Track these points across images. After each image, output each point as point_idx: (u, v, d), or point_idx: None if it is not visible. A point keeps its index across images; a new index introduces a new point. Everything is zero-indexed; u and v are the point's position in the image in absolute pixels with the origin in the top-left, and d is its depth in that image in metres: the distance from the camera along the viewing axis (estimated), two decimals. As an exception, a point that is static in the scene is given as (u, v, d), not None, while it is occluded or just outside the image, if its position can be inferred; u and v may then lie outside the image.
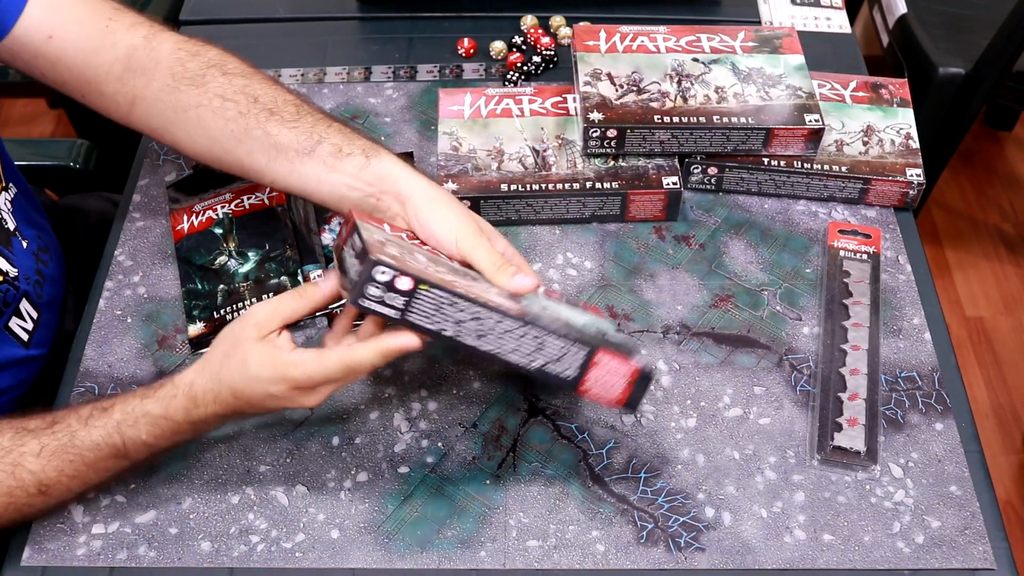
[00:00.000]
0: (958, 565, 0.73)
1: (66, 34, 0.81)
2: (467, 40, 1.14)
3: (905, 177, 0.94)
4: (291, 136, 0.80)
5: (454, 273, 0.72)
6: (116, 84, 0.82)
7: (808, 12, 1.19)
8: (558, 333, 0.70)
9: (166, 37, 0.84)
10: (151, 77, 0.82)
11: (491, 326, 0.70)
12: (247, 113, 0.80)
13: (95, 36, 0.81)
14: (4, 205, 0.88)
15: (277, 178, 0.82)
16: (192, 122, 0.82)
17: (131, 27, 0.83)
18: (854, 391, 0.81)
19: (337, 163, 0.79)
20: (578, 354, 0.71)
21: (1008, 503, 1.63)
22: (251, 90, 0.81)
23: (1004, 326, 1.89)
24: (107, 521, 0.76)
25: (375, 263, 0.66)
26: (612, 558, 0.74)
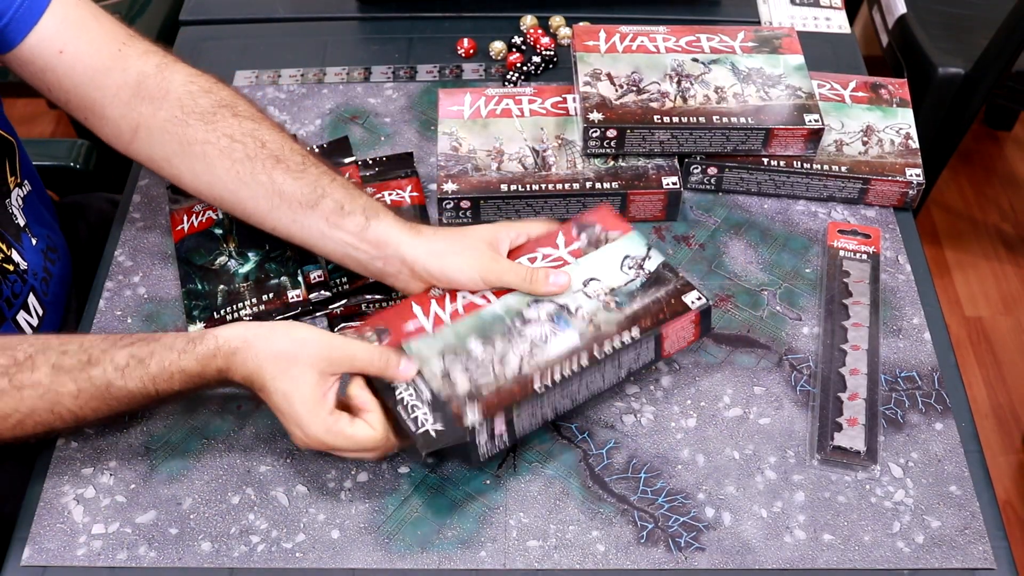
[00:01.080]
0: (958, 565, 0.73)
1: (77, 51, 0.81)
2: (467, 40, 1.14)
3: (905, 177, 0.94)
4: (295, 187, 0.80)
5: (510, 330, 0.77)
6: (122, 108, 0.82)
7: (808, 12, 1.19)
8: (625, 347, 0.75)
9: (178, 69, 0.83)
10: (159, 107, 0.82)
11: (577, 386, 0.75)
12: (254, 157, 0.80)
13: (106, 57, 0.81)
14: (16, 201, 0.89)
15: (279, 226, 0.82)
16: (197, 158, 0.82)
17: (144, 54, 0.83)
18: (854, 391, 0.81)
19: (339, 220, 0.79)
20: (648, 345, 0.77)
21: (1008, 503, 1.63)
22: (259, 134, 0.81)
23: (1003, 326, 1.89)
24: (107, 521, 0.76)
25: (471, 441, 0.72)
26: (612, 558, 0.74)
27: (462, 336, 0.77)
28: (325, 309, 0.88)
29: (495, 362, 0.75)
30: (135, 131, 0.83)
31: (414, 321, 0.78)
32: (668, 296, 0.78)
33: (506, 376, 0.74)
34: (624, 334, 0.75)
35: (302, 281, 0.88)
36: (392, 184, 0.98)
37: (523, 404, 0.73)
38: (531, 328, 0.77)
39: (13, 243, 0.86)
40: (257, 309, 0.87)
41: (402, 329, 0.78)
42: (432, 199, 0.97)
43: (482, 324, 0.77)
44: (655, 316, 0.77)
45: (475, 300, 0.79)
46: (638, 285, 0.79)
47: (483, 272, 0.78)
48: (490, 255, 0.79)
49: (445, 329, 0.77)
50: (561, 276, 0.79)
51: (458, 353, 0.75)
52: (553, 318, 0.77)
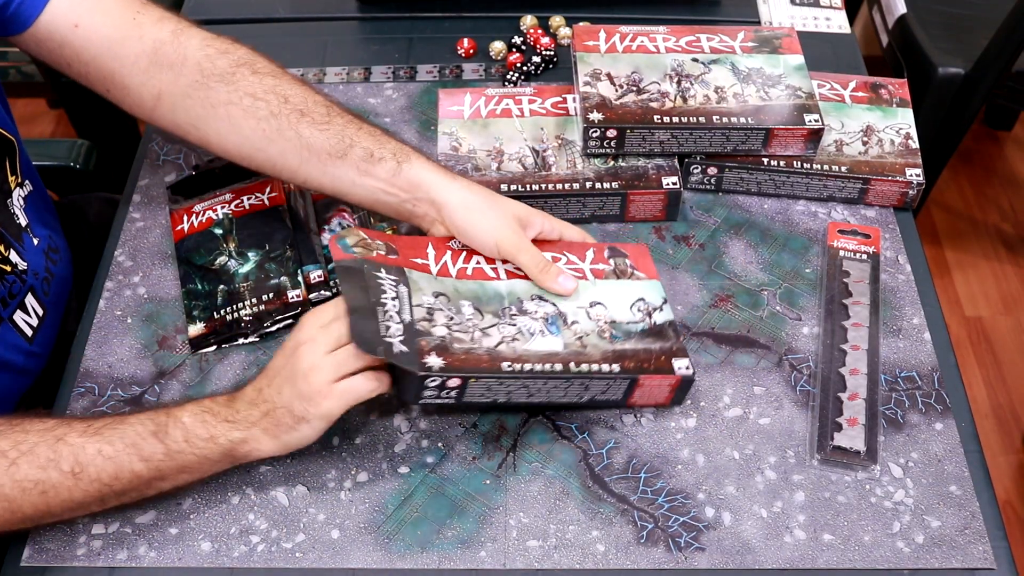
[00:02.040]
0: (958, 565, 0.73)
1: (92, 23, 0.80)
2: (467, 40, 1.14)
3: (905, 177, 0.94)
4: (322, 138, 0.80)
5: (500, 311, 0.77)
6: (141, 77, 0.82)
7: (808, 12, 1.19)
8: (600, 376, 0.74)
9: (193, 33, 0.83)
10: (179, 72, 0.82)
11: (539, 387, 0.74)
12: (278, 113, 0.81)
13: (122, 27, 0.81)
14: (17, 201, 0.88)
15: (310, 179, 0.83)
16: (222, 119, 0.82)
17: (158, 21, 0.83)
18: (854, 391, 0.81)
19: (369, 168, 0.80)
20: (621, 384, 0.76)
21: (1008, 503, 1.63)
22: (281, 90, 0.82)
23: (1003, 326, 1.89)
24: (107, 521, 0.76)
25: (423, 378, 0.70)
26: (612, 558, 0.74)
27: (459, 294, 0.77)
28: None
29: (477, 328, 0.75)
30: (157, 99, 0.83)
31: (423, 259, 0.79)
32: (660, 352, 0.77)
33: (482, 345, 0.74)
34: (604, 365, 0.75)
35: (302, 281, 0.88)
36: (392, 184, 0.97)
37: (484, 376, 0.72)
38: (524, 319, 0.77)
39: (13, 243, 0.86)
40: (257, 309, 0.87)
41: (408, 258, 0.78)
42: (432, 199, 0.97)
43: (482, 294, 0.78)
44: (640, 363, 0.76)
45: (486, 269, 0.79)
46: (638, 329, 0.79)
47: (501, 240, 0.79)
48: (515, 228, 0.80)
49: (447, 280, 0.78)
50: (570, 281, 0.80)
51: (449, 303, 0.76)
52: (548, 319, 0.78)
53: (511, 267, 0.81)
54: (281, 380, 0.72)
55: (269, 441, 0.72)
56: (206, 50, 0.82)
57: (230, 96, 0.81)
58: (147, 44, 0.82)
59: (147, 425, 0.71)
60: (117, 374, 0.84)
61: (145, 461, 0.70)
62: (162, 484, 0.72)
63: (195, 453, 0.71)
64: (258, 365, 0.85)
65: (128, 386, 0.84)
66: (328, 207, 0.94)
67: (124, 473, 0.70)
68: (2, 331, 0.84)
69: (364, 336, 0.70)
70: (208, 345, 0.86)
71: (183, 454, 0.71)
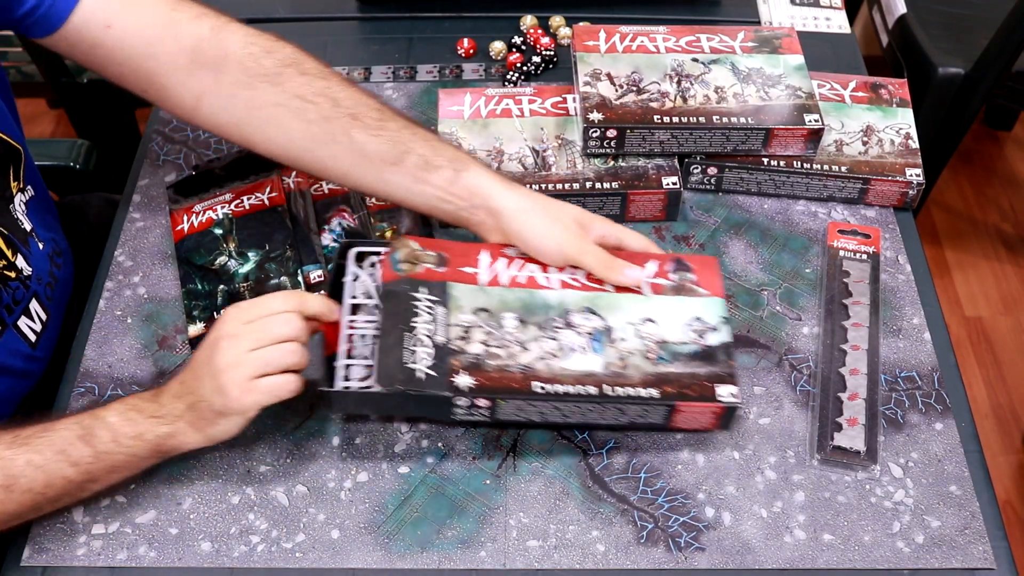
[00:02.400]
0: (958, 565, 0.73)
1: (125, 23, 0.78)
2: (467, 40, 1.14)
3: (905, 177, 0.94)
4: (376, 144, 0.79)
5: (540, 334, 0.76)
6: (180, 77, 0.80)
7: (808, 12, 1.19)
8: (635, 401, 0.73)
9: (234, 29, 0.81)
10: (221, 71, 0.79)
11: (572, 409, 0.73)
12: (330, 117, 0.79)
13: (157, 26, 0.79)
14: (20, 206, 0.88)
15: (362, 184, 0.82)
16: (268, 121, 0.80)
17: (196, 18, 0.80)
18: (854, 391, 0.81)
19: (425, 175, 0.79)
20: (659, 410, 0.74)
21: (1008, 503, 1.63)
22: (331, 92, 0.79)
23: (1003, 326, 1.89)
24: (107, 521, 0.76)
25: (448, 399, 0.71)
26: (612, 558, 0.74)
27: (505, 305, 0.76)
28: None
29: (516, 342, 0.74)
30: (198, 99, 0.80)
31: (473, 268, 0.78)
32: (706, 377, 0.74)
33: (517, 362, 0.73)
34: (642, 389, 0.73)
35: (302, 281, 0.88)
36: (392, 184, 0.97)
37: (515, 396, 0.72)
38: (567, 333, 0.76)
39: (20, 247, 0.86)
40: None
41: (458, 268, 0.77)
42: (432, 199, 0.97)
43: (530, 302, 0.77)
44: (681, 389, 0.74)
45: (538, 278, 0.78)
46: (687, 351, 0.76)
47: (563, 244, 0.78)
48: (576, 231, 0.79)
49: (495, 290, 0.77)
50: (636, 271, 0.78)
51: (490, 317, 0.75)
52: (593, 335, 0.76)
53: (565, 277, 0.79)
54: (202, 373, 0.72)
55: (194, 434, 0.72)
56: (249, 48, 0.80)
57: (277, 97, 0.79)
58: (185, 42, 0.79)
59: (74, 430, 0.71)
60: (117, 374, 0.84)
61: (75, 466, 0.70)
62: (94, 486, 0.73)
63: (123, 452, 0.71)
64: (258, 365, 0.85)
65: (128, 386, 0.84)
66: (328, 207, 0.94)
67: (56, 480, 0.70)
68: (6, 337, 0.83)
69: (386, 371, 0.71)
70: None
71: (111, 454, 0.71)
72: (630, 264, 0.79)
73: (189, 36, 0.79)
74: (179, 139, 1.04)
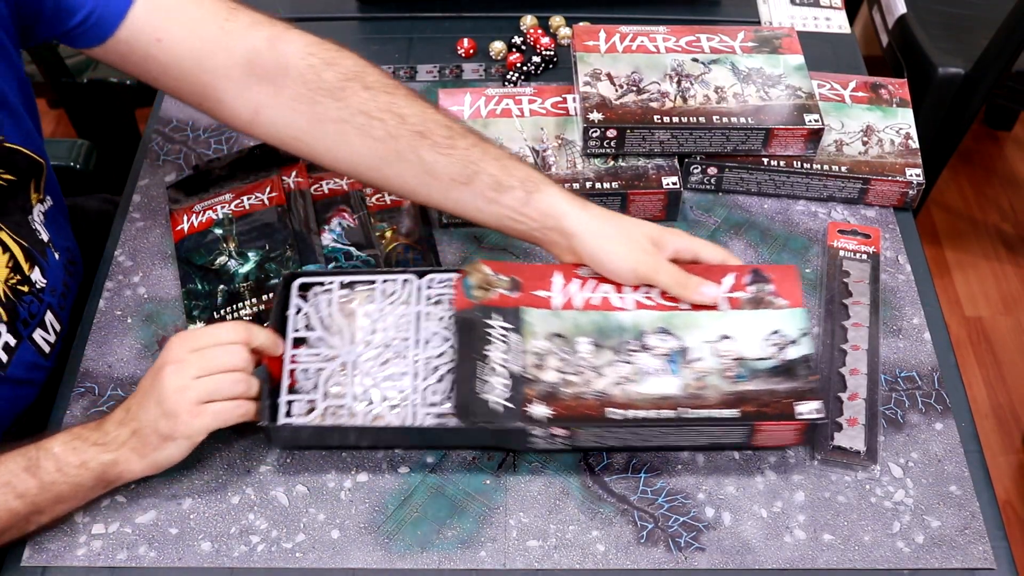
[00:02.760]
0: (958, 565, 0.73)
1: (176, 37, 0.76)
2: (467, 40, 1.14)
3: (905, 177, 0.94)
4: (445, 163, 0.77)
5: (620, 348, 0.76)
6: (235, 90, 0.78)
7: (808, 12, 1.19)
8: (714, 423, 0.72)
9: (292, 39, 0.78)
10: (279, 84, 0.77)
11: (651, 433, 0.73)
12: (397, 136, 0.77)
13: (209, 39, 0.77)
14: (38, 216, 0.87)
15: (430, 202, 0.82)
16: (331, 136, 0.78)
17: (250, 28, 0.78)
18: (854, 391, 0.81)
19: (496, 196, 0.78)
20: (739, 431, 0.74)
21: (1008, 503, 1.63)
22: (398, 108, 0.77)
23: (1003, 326, 1.89)
24: (107, 521, 0.76)
25: (525, 431, 0.71)
26: (612, 558, 0.74)
27: (579, 329, 0.76)
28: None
29: (590, 369, 0.74)
30: (255, 113, 0.79)
31: (547, 291, 0.78)
32: (786, 393, 0.73)
33: (592, 388, 0.73)
34: (721, 410, 0.72)
35: (302, 281, 0.88)
36: (392, 184, 0.97)
37: (590, 425, 0.72)
38: (643, 356, 0.75)
39: (38, 259, 0.85)
40: (257, 309, 0.87)
41: (531, 291, 0.77)
42: (432, 199, 0.97)
43: (604, 326, 0.76)
44: (761, 407, 0.72)
45: (613, 299, 0.78)
46: (767, 367, 0.74)
47: (637, 264, 0.77)
48: (650, 250, 0.78)
49: (568, 313, 0.77)
50: (712, 288, 0.77)
51: (564, 343, 0.75)
52: (670, 357, 0.75)
53: (639, 297, 0.78)
54: (147, 399, 0.72)
55: (138, 461, 0.73)
56: (309, 60, 0.77)
57: (340, 113, 0.77)
58: (238, 55, 0.77)
59: (18, 462, 0.71)
60: (117, 374, 0.84)
61: (20, 498, 0.70)
62: (40, 518, 0.73)
63: (68, 482, 0.71)
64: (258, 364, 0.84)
65: (128, 386, 0.84)
66: (328, 207, 0.94)
67: (1, 513, 0.70)
68: (21, 350, 0.83)
69: (463, 405, 0.72)
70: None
71: (56, 484, 0.71)
72: (705, 281, 0.78)
73: (243, 48, 0.77)
74: (179, 139, 1.04)
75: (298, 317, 0.80)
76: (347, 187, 0.96)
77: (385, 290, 0.82)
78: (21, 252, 0.83)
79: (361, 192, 0.95)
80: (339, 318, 0.80)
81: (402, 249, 0.92)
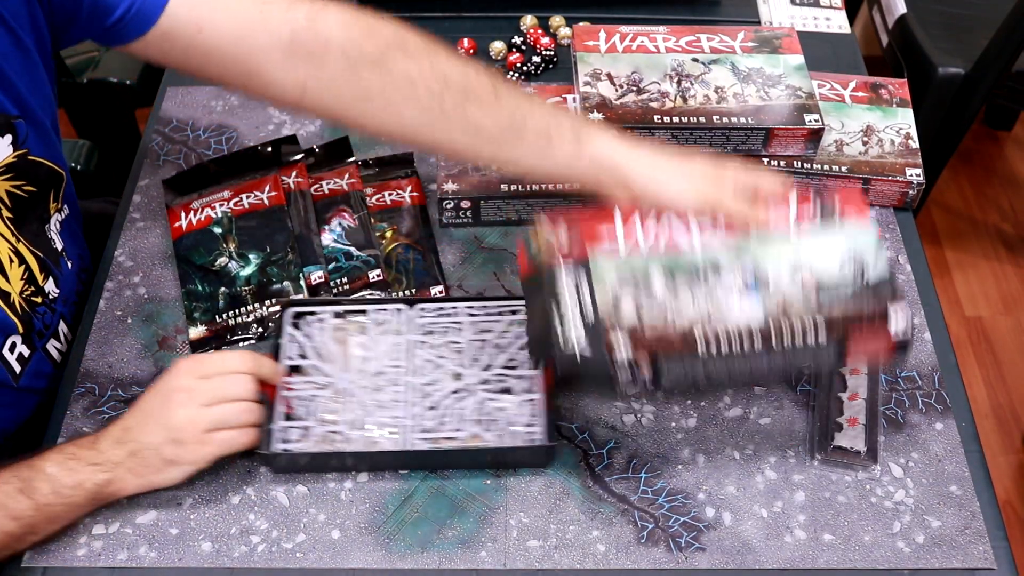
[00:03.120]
0: (958, 565, 0.73)
1: (216, 25, 0.76)
2: (467, 40, 1.14)
3: (905, 177, 0.94)
4: (492, 120, 0.77)
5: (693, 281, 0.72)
6: (281, 72, 0.78)
7: (808, 12, 1.19)
8: (806, 348, 0.70)
9: (331, 14, 0.78)
10: (321, 61, 0.77)
11: (740, 366, 0.71)
12: (442, 97, 0.77)
13: (249, 23, 0.76)
14: (55, 225, 0.88)
15: (481, 160, 0.82)
16: (378, 106, 0.78)
17: (289, 7, 0.77)
18: (854, 391, 0.81)
19: (547, 149, 0.77)
20: (830, 351, 0.71)
21: (1008, 503, 1.63)
22: (440, 69, 0.77)
23: (1003, 326, 1.89)
24: (107, 521, 0.76)
25: (610, 372, 0.69)
26: (612, 558, 0.74)
27: (649, 272, 0.73)
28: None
29: (670, 307, 0.71)
30: (302, 90, 0.78)
31: (611, 237, 0.75)
32: (873, 312, 0.71)
33: (675, 326, 0.70)
34: (810, 335, 0.70)
35: (303, 284, 0.88)
36: (392, 184, 0.97)
37: (678, 360, 0.70)
38: (721, 291, 0.72)
39: (52, 270, 0.86)
40: (260, 314, 0.87)
41: (595, 236, 0.75)
42: (432, 199, 0.97)
43: (675, 266, 0.74)
44: (848, 328, 0.70)
45: (679, 239, 0.75)
46: (849, 292, 0.72)
47: (702, 195, 0.75)
48: (711, 178, 0.77)
49: (636, 259, 0.74)
50: (781, 211, 0.75)
51: (638, 284, 0.72)
52: (747, 284, 0.73)
53: (706, 234, 0.75)
54: (152, 422, 0.73)
55: (134, 480, 0.74)
56: (349, 32, 0.77)
57: (384, 83, 0.77)
58: (280, 35, 0.76)
59: (13, 483, 0.71)
60: (117, 374, 0.84)
61: (16, 519, 0.71)
62: (33, 538, 0.73)
63: (63, 503, 0.72)
64: (258, 365, 0.84)
65: (128, 386, 0.84)
66: (328, 207, 0.94)
67: None
68: (35, 361, 0.84)
69: (545, 358, 0.72)
70: (209, 348, 0.86)
71: (51, 506, 0.71)
72: (773, 204, 0.76)
73: (284, 28, 0.77)
74: (179, 139, 1.04)
75: (291, 345, 0.82)
76: (347, 187, 0.96)
77: (377, 319, 0.84)
78: (36, 263, 0.84)
79: (361, 192, 0.95)
80: (332, 346, 0.82)
81: (402, 249, 0.92)
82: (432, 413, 0.78)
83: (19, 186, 0.81)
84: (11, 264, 0.81)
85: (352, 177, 0.97)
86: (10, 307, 0.80)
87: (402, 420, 0.78)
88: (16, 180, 0.80)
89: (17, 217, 0.81)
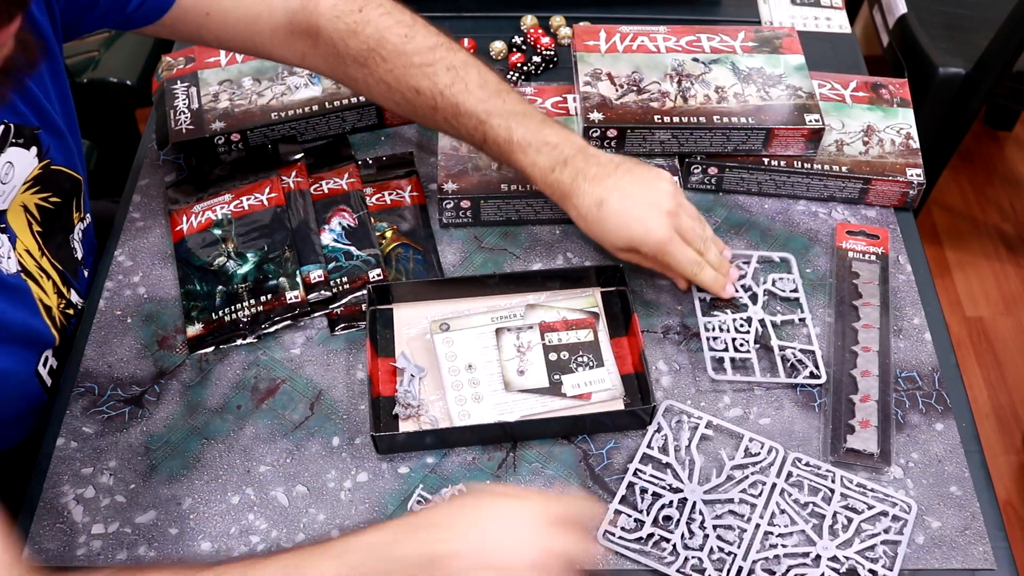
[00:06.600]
0: (958, 565, 0.73)
1: (223, 9, 0.84)
2: (467, 40, 1.14)
3: (905, 177, 0.94)
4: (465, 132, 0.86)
5: None
6: (283, 45, 0.88)
7: (808, 12, 1.19)
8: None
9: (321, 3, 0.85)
10: (315, 42, 0.87)
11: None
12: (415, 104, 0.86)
13: (252, 6, 0.85)
14: (78, 235, 0.89)
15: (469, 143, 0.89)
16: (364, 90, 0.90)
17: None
18: (865, 393, 0.81)
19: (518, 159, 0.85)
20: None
21: (1008, 503, 1.63)
22: (414, 82, 0.85)
23: (1004, 326, 1.89)
24: (107, 521, 0.75)
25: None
26: (613, 558, 0.74)
27: None
28: (324, 309, 0.88)
29: None
30: (302, 58, 0.89)
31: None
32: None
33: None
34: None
35: (300, 282, 0.88)
36: (392, 184, 0.97)
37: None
38: None
39: (73, 282, 0.87)
40: (255, 310, 0.87)
41: None
42: (432, 199, 0.97)
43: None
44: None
45: None
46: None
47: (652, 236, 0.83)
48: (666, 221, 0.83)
49: None
50: (730, 287, 0.87)
51: None
52: None
53: None
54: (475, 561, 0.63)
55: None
56: (336, 24, 0.85)
57: (366, 78, 0.87)
58: (280, 17, 0.85)
59: None
60: (117, 374, 0.84)
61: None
62: None
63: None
64: (258, 365, 0.84)
65: (128, 386, 0.83)
66: (328, 207, 0.94)
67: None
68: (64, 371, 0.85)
69: None
70: (206, 346, 0.86)
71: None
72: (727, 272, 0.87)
73: (283, 10, 0.86)
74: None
75: None
76: (347, 187, 0.96)
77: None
78: (59, 277, 0.85)
79: (361, 192, 0.95)
80: None
81: (402, 249, 0.92)
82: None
83: (46, 198, 0.83)
84: (44, 277, 0.83)
85: (352, 177, 0.97)
86: (52, 320, 0.82)
87: None
88: (43, 192, 0.82)
89: (45, 231, 0.84)
